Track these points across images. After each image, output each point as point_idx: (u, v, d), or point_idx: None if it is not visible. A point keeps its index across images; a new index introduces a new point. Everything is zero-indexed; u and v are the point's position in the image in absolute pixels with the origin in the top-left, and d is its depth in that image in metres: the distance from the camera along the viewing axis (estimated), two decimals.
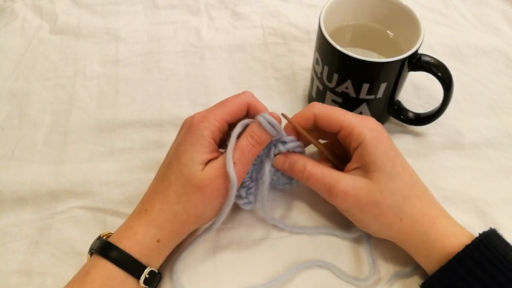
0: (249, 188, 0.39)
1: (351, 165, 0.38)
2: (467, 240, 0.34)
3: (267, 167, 0.38)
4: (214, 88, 0.55)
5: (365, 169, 0.36)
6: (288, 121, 0.39)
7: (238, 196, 0.39)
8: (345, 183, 0.36)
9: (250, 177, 0.39)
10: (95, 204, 0.44)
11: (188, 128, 0.37)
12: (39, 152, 0.48)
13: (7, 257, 0.41)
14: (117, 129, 0.50)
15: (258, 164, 0.39)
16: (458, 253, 0.33)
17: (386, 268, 0.40)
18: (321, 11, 0.43)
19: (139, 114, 0.51)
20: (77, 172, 0.46)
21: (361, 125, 0.37)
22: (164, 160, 0.39)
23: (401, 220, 0.36)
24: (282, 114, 0.39)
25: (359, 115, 0.38)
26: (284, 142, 0.38)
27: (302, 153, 0.39)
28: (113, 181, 0.46)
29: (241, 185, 0.39)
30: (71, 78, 0.55)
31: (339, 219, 0.43)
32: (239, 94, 0.39)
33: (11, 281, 0.39)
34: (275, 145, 0.38)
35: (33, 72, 0.56)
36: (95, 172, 0.46)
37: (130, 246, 0.35)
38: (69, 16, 0.62)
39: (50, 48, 0.58)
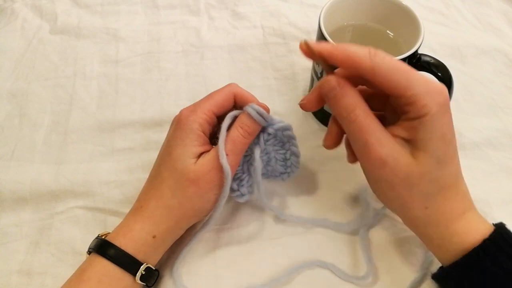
0: (241, 180, 0.39)
1: (401, 132, 0.32)
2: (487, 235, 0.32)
3: (257, 153, 0.38)
4: (214, 88, 0.53)
5: (414, 145, 0.32)
6: (312, 49, 0.30)
7: (230, 189, 0.38)
8: (389, 152, 0.31)
9: (242, 169, 0.39)
10: (95, 204, 0.44)
11: (177, 123, 0.37)
12: (39, 152, 0.48)
13: (7, 257, 0.41)
14: (117, 129, 0.50)
15: (248, 156, 0.39)
16: (477, 246, 0.32)
17: (385, 266, 0.40)
18: (321, 11, 0.43)
19: (139, 114, 0.51)
20: (77, 172, 0.46)
21: (428, 96, 0.30)
22: (157, 158, 0.39)
23: (426, 208, 0.33)
24: (305, 41, 0.30)
25: (427, 79, 0.31)
26: (272, 124, 0.38)
27: (291, 136, 0.39)
28: (113, 181, 0.46)
29: (233, 178, 0.39)
30: (71, 78, 0.55)
31: (336, 212, 0.43)
32: (224, 86, 0.39)
33: (11, 281, 0.39)
34: (263, 131, 0.38)
35: (33, 72, 0.56)
36: (95, 172, 0.46)
37: (125, 243, 0.35)
38: (69, 16, 0.62)
39: (50, 48, 0.58)
